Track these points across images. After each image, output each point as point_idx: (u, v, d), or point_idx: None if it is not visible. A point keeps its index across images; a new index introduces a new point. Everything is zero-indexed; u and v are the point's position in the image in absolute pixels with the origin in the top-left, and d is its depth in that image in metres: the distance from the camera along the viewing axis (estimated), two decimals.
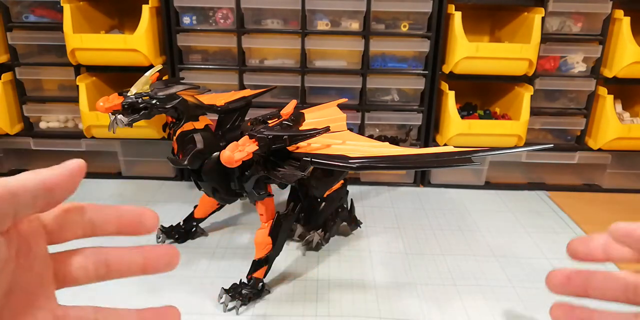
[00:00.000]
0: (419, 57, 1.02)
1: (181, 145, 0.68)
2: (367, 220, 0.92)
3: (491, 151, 0.62)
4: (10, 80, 1.03)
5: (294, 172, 0.62)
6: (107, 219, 0.27)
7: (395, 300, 0.69)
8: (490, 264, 0.79)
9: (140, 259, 0.28)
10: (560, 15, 1.01)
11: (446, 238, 0.87)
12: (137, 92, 0.65)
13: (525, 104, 1.00)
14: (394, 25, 1.00)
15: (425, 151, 0.63)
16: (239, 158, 0.57)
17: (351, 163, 0.60)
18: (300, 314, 0.66)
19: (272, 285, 0.72)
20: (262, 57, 1.04)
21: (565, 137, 1.10)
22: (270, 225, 0.69)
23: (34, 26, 1.00)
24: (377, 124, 1.09)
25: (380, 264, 0.78)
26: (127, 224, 0.27)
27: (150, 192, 1.03)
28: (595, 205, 1.02)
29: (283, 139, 0.61)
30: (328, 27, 1.00)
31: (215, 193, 0.70)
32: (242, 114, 0.75)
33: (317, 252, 0.81)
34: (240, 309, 0.66)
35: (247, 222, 0.91)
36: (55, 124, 1.09)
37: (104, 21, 1.08)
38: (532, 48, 0.96)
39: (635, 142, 1.02)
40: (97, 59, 0.98)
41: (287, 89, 1.05)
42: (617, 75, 0.99)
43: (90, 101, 0.99)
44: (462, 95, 1.08)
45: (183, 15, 0.98)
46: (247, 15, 0.99)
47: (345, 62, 1.03)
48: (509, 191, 1.08)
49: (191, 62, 1.03)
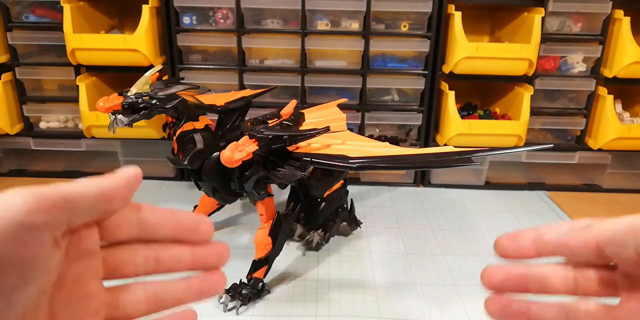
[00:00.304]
0: (419, 57, 1.02)
1: (181, 145, 0.68)
2: (367, 220, 0.92)
3: (491, 151, 0.62)
4: (10, 80, 1.03)
5: (294, 172, 0.62)
6: (163, 222, 0.27)
7: (395, 300, 0.69)
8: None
9: (190, 255, 0.27)
10: (560, 15, 1.01)
11: (446, 238, 0.87)
12: (137, 92, 0.65)
13: (525, 104, 1.00)
14: (394, 25, 1.00)
15: (425, 151, 0.63)
16: (239, 158, 0.57)
17: (351, 163, 0.60)
18: (300, 314, 0.66)
19: (272, 285, 0.72)
20: (262, 57, 1.04)
21: (565, 137, 1.10)
22: (270, 225, 0.69)
23: (34, 26, 1.00)
24: (377, 124, 1.09)
25: (380, 264, 0.78)
26: (183, 229, 0.27)
27: (150, 192, 1.03)
28: (595, 205, 1.02)
29: (283, 139, 0.61)
30: (328, 27, 1.00)
31: (215, 193, 0.70)
32: (242, 114, 0.75)
33: (317, 252, 0.81)
34: (240, 309, 0.66)
35: (247, 222, 0.91)
36: (55, 124, 1.09)
37: (104, 21, 1.08)
38: (532, 48, 0.96)
39: (635, 142, 1.02)
40: (97, 59, 0.98)
41: (287, 89, 1.05)
42: (617, 75, 0.99)
43: (90, 101, 0.99)
44: (462, 95, 1.08)
45: (183, 15, 0.98)
46: (247, 15, 0.98)
47: (345, 62, 1.03)
48: (509, 191, 1.08)
49: (191, 62, 1.03)
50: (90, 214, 0.24)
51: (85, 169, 1.11)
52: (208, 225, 0.28)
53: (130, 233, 0.26)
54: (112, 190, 0.24)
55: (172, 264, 0.27)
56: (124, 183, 0.25)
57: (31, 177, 1.09)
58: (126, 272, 0.26)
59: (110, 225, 0.25)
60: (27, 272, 0.21)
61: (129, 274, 0.26)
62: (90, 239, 0.25)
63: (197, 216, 0.28)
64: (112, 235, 0.26)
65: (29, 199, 0.20)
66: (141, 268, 0.27)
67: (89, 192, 0.23)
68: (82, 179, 0.24)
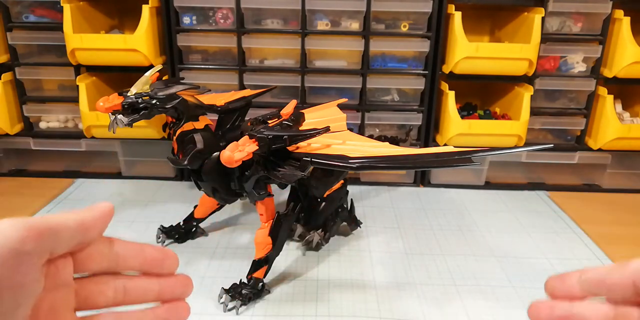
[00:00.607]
0: (419, 57, 1.02)
1: (181, 145, 0.68)
2: (367, 220, 0.92)
3: (491, 151, 0.62)
4: (10, 80, 1.03)
5: (294, 172, 0.62)
6: (131, 254, 0.28)
7: (395, 300, 0.69)
8: (490, 264, 0.79)
9: (156, 286, 0.29)
10: (560, 15, 1.01)
11: (446, 238, 0.87)
12: (137, 92, 0.65)
13: (525, 104, 1.00)
14: (394, 25, 1.00)
15: (425, 151, 0.63)
16: (239, 158, 0.57)
17: (351, 163, 0.60)
18: (300, 314, 0.66)
19: (272, 285, 0.72)
20: (262, 57, 1.04)
21: (565, 137, 1.10)
22: (270, 225, 0.69)
23: (34, 26, 1.00)
24: (377, 124, 1.09)
25: (380, 264, 0.78)
26: (150, 261, 0.29)
27: (150, 192, 1.03)
28: (595, 205, 1.02)
29: (283, 139, 0.61)
30: (328, 27, 1.00)
31: (215, 193, 0.70)
32: (242, 114, 0.75)
33: (317, 252, 0.81)
34: (240, 309, 0.66)
35: (247, 222, 0.91)
36: (55, 124, 1.09)
37: (104, 21, 1.08)
38: (532, 48, 0.96)
39: (635, 142, 1.02)
40: (97, 59, 0.98)
41: (287, 89, 1.05)
42: (617, 75, 0.99)
43: (90, 101, 0.99)
44: (462, 95, 1.08)
45: (183, 15, 0.98)
46: (247, 15, 0.99)
47: (345, 62, 1.03)
48: (509, 191, 1.08)
49: (191, 62, 1.03)
50: (70, 243, 0.25)
51: (85, 169, 1.11)
52: (173, 259, 0.29)
53: (101, 265, 0.27)
54: (90, 221, 0.26)
55: (140, 295, 0.29)
56: (99, 215, 0.27)
57: (31, 177, 1.09)
58: (97, 303, 0.28)
59: (82, 257, 0.27)
60: (19, 296, 0.23)
61: (99, 304, 0.28)
62: (66, 270, 0.26)
63: (163, 251, 0.29)
64: (84, 266, 0.27)
65: (20, 228, 0.23)
66: (110, 299, 0.28)
67: (70, 222, 0.25)
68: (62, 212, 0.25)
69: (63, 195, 1.00)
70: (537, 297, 0.31)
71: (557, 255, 0.82)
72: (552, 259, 0.81)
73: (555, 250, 0.83)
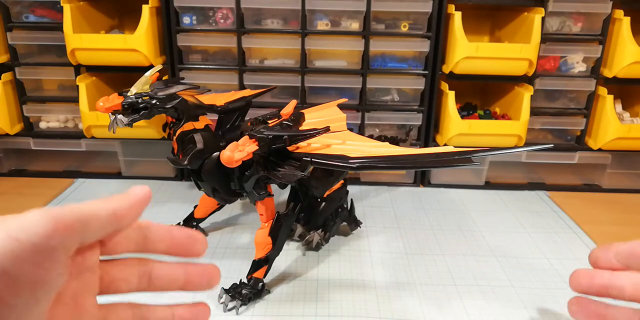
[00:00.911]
0: (419, 57, 1.02)
1: (181, 145, 0.68)
2: (367, 220, 0.92)
3: (491, 151, 0.62)
4: (10, 80, 1.03)
5: (294, 172, 0.62)
6: (159, 237, 0.27)
7: (395, 300, 0.69)
8: (490, 264, 0.79)
9: (182, 275, 0.28)
10: (560, 15, 1.01)
11: (446, 238, 0.87)
12: (137, 92, 0.65)
13: (525, 104, 1.00)
14: (394, 25, 1.00)
15: (425, 151, 0.63)
16: (239, 158, 0.57)
17: (351, 163, 0.60)
18: (300, 314, 0.66)
19: (272, 285, 0.72)
20: (262, 57, 1.04)
21: (565, 137, 1.10)
22: (270, 225, 0.69)
23: (34, 26, 1.00)
24: (377, 124, 1.09)
25: (380, 264, 0.78)
26: (178, 244, 0.28)
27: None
28: (595, 205, 1.02)
29: (283, 139, 0.61)
30: (328, 27, 1.00)
31: (215, 193, 0.70)
32: (242, 114, 0.75)
33: (317, 252, 0.81)
34: (240, 309, 0.66)
35: (247, 222, 0.91)
36: (55, 124, 1.09)
37: (104, 21, 1.08)
38: (532, 48, 0.96)
39: (635, 142, 1.02)
40: (97, 59, 0.98)
41: (287, 89, 1.05)
42: (617, 75, 0.99)
43: (90, 101, 0.99)
44: (462, 95, 1.08)
45: (183, 15, 0.98)
46: (247, 15, 0.99)
47: (345, 62, 1.03)
48: (509, 191, 1.08)
49: (191, 62, 1.03)
50: (101, 233, 0.24)
51: (85, 169, 1.11)
52: (201, 243, 0.28)
53: (128, 248, 0.26)
54: (123, 210, 0.25)
55: (164, 283, 0.28)
56: (134, 203, 0.25)
57: (31, 177, 1.09)
58: (120, 289, 0.27)
59: (110, 241, 0.26)
60: (40, 291, 0.21)
61: (122, 290, 0.27)
62: (92, 256, 0.25)
63: (191, 234, 0.28)
64: (111, 250, 0.26)
65: (47, 222, 0.21)
66: (134, 286, 0.27)
67: (102, 213, 0.23)
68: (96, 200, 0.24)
69: (63, 195, 1.00)
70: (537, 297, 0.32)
71: (557, 255, 0.82)
72: (552, 259, 0.81)
73: (555, 250, 0.83)
